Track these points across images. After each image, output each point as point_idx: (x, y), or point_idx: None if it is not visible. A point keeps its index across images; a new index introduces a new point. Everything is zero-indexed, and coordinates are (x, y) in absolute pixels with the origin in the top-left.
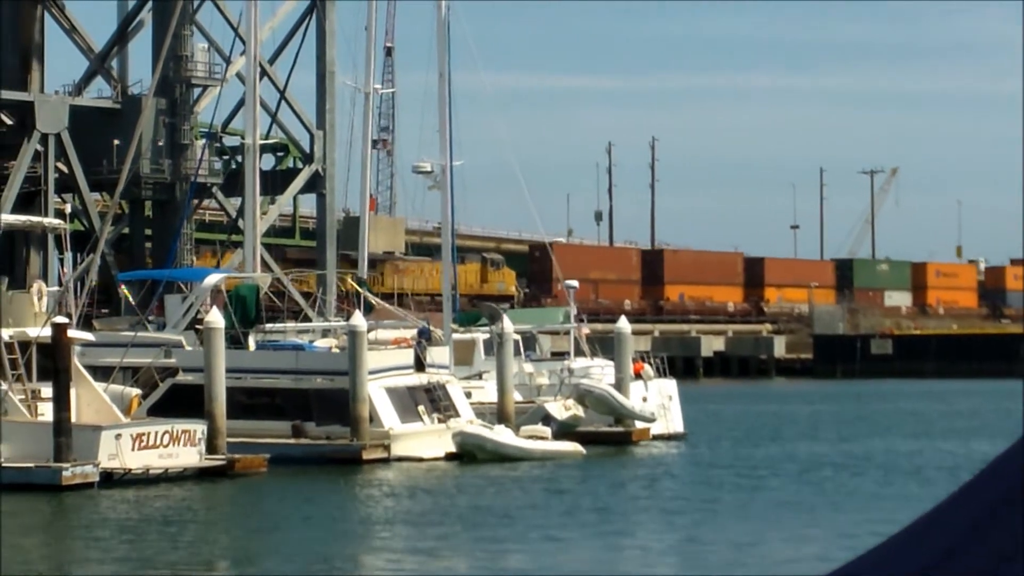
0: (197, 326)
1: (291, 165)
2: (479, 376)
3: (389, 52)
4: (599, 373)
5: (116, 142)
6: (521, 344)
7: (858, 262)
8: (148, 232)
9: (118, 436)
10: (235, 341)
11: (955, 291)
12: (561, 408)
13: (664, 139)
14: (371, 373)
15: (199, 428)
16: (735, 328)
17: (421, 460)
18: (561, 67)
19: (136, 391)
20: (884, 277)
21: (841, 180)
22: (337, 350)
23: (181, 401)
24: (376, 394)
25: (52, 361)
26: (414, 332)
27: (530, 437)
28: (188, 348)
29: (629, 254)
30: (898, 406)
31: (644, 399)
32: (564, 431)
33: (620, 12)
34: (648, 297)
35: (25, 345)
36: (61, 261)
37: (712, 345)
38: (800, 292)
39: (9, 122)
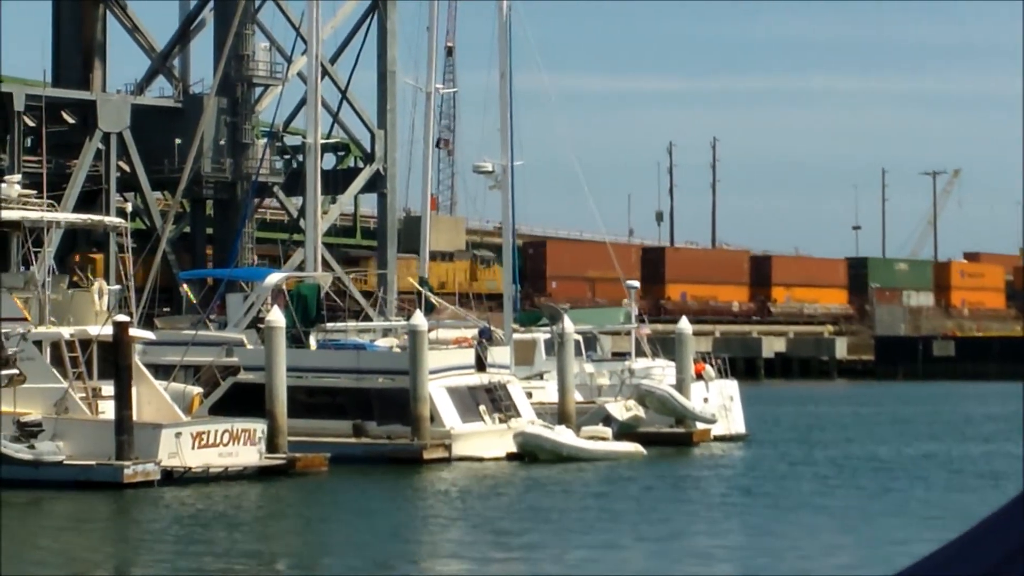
0: (258, 325)
1: (352, 164)
2: (540, 376)
3: (450, 52)
4: (660, 374)
5: (177, 141)
6: (582, 344)
7: (873, 261)
8: (209, 231)
9: (178, 434)
10: (296, 340)
11: (981, 292)
12: (622, 408)
13: (725, 140)
14: (432, 373)
15: (260, 427)
16: (796, 329)
17: (482, 460)
18: (622, 68)
19: (197, 389)
20: (903, 277)
21: (903, 181)
22: (398, 349)
23: (242, 400)
24: (437, 394)
25: (114, 359)
26: (475, 332)
27: (591, 438)
28: (249, 347)
29: (628, 252)
30: (965, 408)
31: (705, 400)
32: (624, 432)
33: (682, 13)
34: (648, 296)
35: (86, 343)
36: (122, 260)
37: (773, 346)
38: (810, 292)
39: (71, 121)
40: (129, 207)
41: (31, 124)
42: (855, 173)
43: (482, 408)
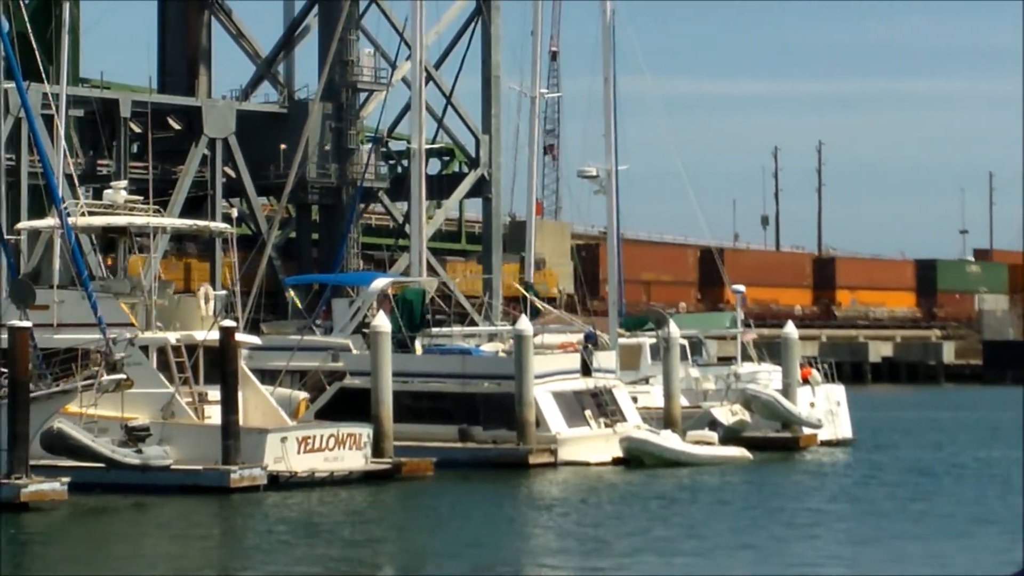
0: (364, 330)
1: (457, 169)
2: (645, 381)
3: (554, 56)
4: (766, 378)
5: (283, 146)
6: (688, 349)
7: (943, 263)
8: (314, 236)
9: (284, 439)
10: (402, 345)
11: None
12: (728, 413)
13: (831, 144)
14: (537, 377)
15: (365, 432)
16: (904, 334)
17: (588, 465)
18: (727, 71)
19: (304, 394)
20: (975, 279)
21: (1013, 184)
22: (504, 354)
23: (348, 405)
24: (543, 398)
25: (220, 364)
26: (580, 336)
27: (697, 442)
28: (355, 352)
29: (686, 254)
30: None
31: (811, 404)
32: (730, 436)
33: (786, 16)
34: (706, 299)
35: (192, 348)
36: (228, 265)
37: (880, 350)
38: (875, 295)
39: (177, 127)
40: (235, 212)
41: (137, 130)
42: (962, 176)
43: (588, 413)
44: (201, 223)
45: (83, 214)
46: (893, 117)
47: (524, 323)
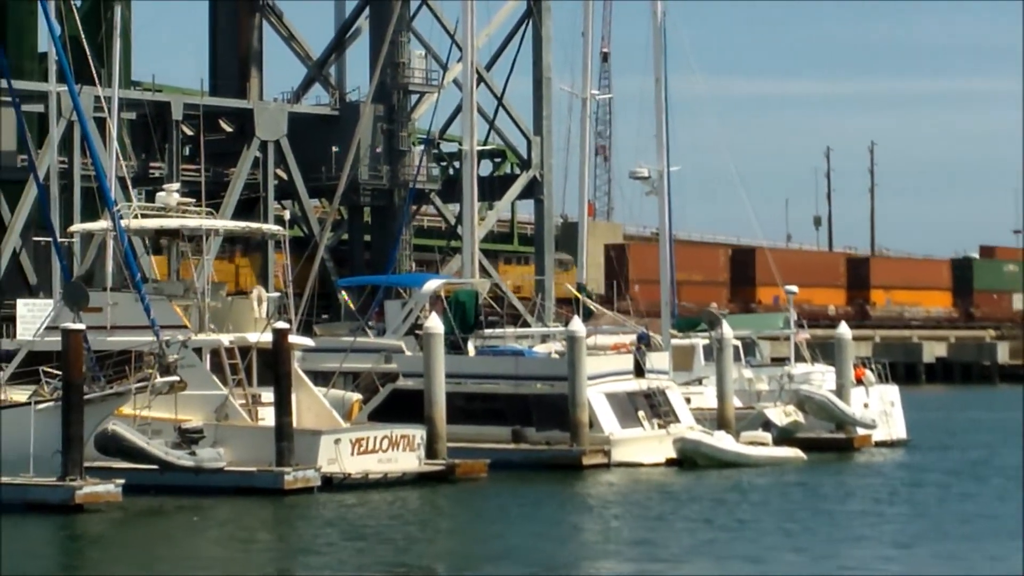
0: (417, 331)
1: (508, 171)
2: (698, 382)
3: (605, 57)
4: (819, 379)
5: (334, 148)
6: (741, 349)
7: (979, 263)
8: (367, 238)
9: (337, 441)
10: (454, 346)
11: None
12: (781, 414)
13: (883, 144)
14: (590, 378)
15: (419, 433)
16: (957, 334)
17: (641, 466)
18: (778, 72)
19: (357, 396)
20: (1012, 279)
21: None
22: (556, 355)
23: (401, 406)
24: (596, 400)
25: (273, 366)
26: (633, 337)
27: (751, 443)
28: (408, 353)
29: (717, 254)
30: None
31: (865, 405)
32: (784, 437)
33: (838, 16)
34: (737, 299)
35: (245, 350)
36: (281, 267)
37: (934, 351)
38: (911, 294)
39: (229, 129)
40: (287, 214)
41: (189, 133)
42: (1017, 175)
43: (641, 414)
44: (254, 225)
45: (136, 217)
46: (945, 116)
47: (577, 324)
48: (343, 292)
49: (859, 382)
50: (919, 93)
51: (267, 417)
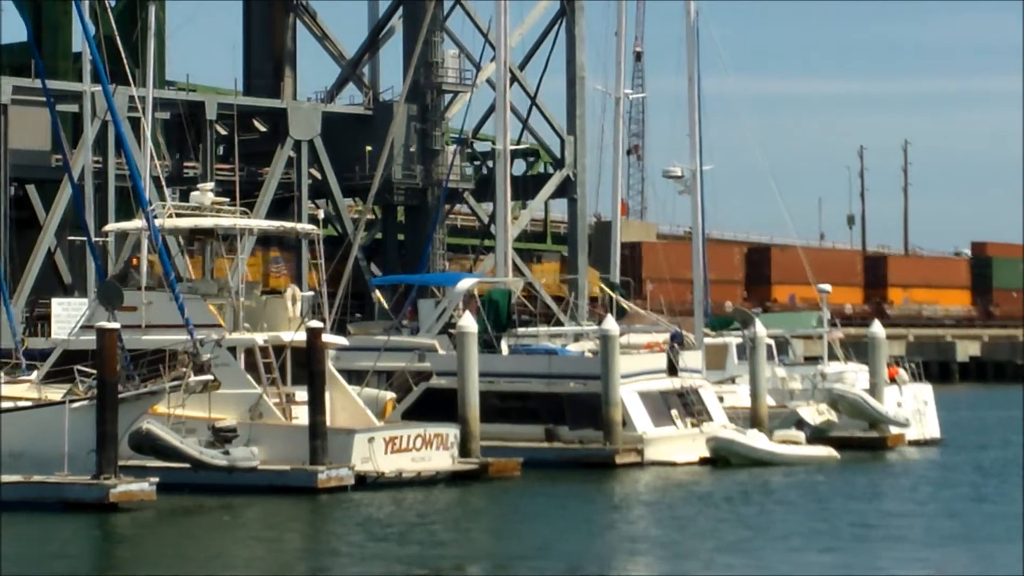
0: (450, 330)
1: (542, 170)
2: (731, 380)
3: (639, 57)
4: (852, 378)
5: (368, 148)
6: (774, 348)
7: (999, 260)
8: (400, 237)
9: (371, 439)
10: (488, 345)
11: None
12: (814, 413)
13: (917, 142)
14: (624, 377)
15: (452, 432)
16: (991, 333)
17: (674, 464)
18: (811, 71)
19: (390, 395)
20: None
21: None
22: (590, 354)
23: (435, 405)
24: (629, 398)
25: (307, 365)
26: (666, 336)
27: (784, 442)
28: (441, 352)
29: (731, 252)
30: None
31: (899, 404)
32: (817, 436)
33: (870, 15)
34: (753, 298)
35: (280, 349)
36: (314, 266)
37: (968, 350)
38: (928, 293)
39: (263, 129)
40: (321, 214)
41: (223, 132)
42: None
43: (674, 412)
44: (288, 224)
45: (170, 216)
46: (979, 116)
47: (610, 323)
48: (376, 291)
49: (892, 381)
50: (951, 91)
51: (301, 416)
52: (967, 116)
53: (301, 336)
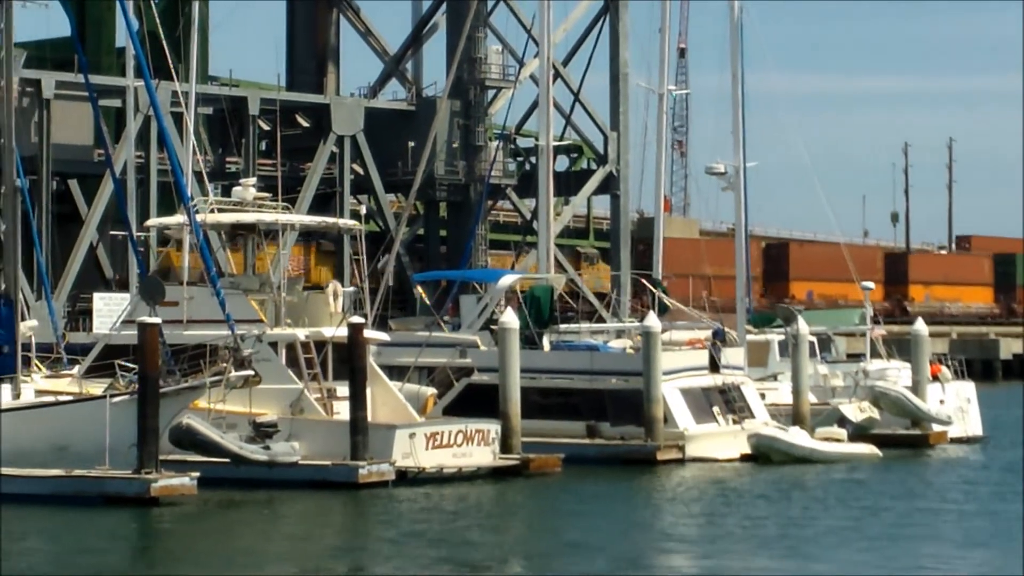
0: (492, 326)
1: (585, 166)
2: (774, 377)
3: (682, 53)
4: (895, 375)
5: (411, 144)
6: (816, 345)
7: (1022, 257)
8: (443, 233)
9: (412, 435)
10: (530, 341)
11: None
12: (856, 410)
13: (962, 140)
14: (665, 374)
15: (493, 428)
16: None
17: (716, 461)
18: (855, 67)
19: (432, 391)
20: None
21: None
22: (631, 351)
23: (476, 401)
24: (671, 395)
25: (348, 360)
26: (708, 333)
27: (825, 439)
28: (483, 348)
29: (749, 247)
30: None
31: (941, 402)
32: (859, 433)
33: (915, 12)
34: (771, 295)
35: (321, 345)
36: (356, 262)
37: (1011, 348)
38: (951, 290)
39: (306, 124)
40: (363, 209)
41: (266, 128)
42: None
43: (716, 409)
44: (331, 220)
45: (212, 211)
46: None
47: (652, 319)
48: (418, 287)
49: (935, 378)
50: (995, 88)
51: (342, 411)
52: (1014, 112)
53: (343, 332)
